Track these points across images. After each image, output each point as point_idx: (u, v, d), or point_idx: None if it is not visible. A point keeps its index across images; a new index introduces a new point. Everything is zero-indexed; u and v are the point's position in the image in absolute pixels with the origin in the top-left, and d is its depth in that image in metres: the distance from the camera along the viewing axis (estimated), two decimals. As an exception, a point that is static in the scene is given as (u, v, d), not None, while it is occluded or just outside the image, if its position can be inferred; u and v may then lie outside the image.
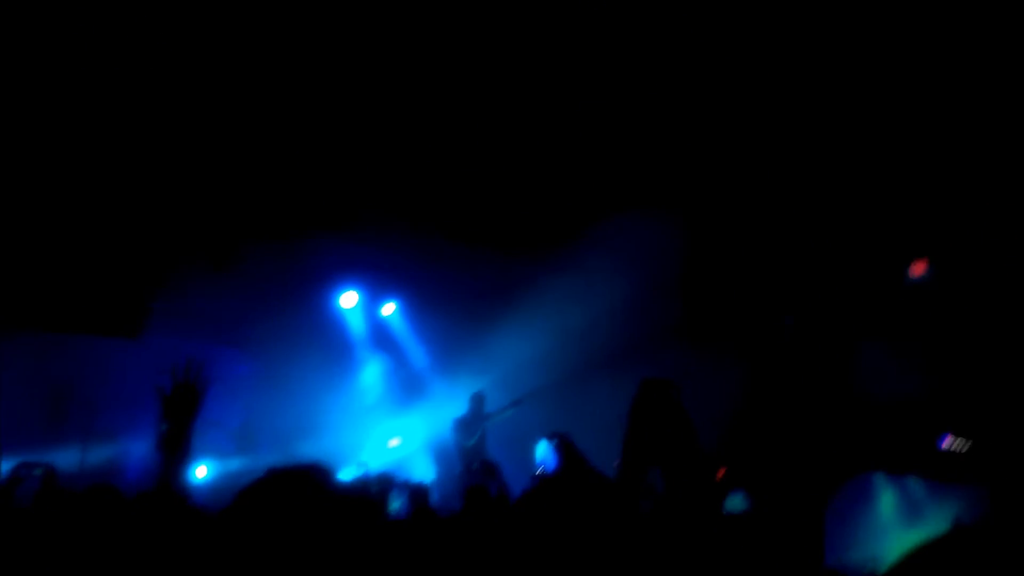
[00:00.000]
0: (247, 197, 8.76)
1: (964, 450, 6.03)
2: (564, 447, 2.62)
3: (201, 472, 8.39)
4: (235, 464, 9.03)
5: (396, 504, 4.04)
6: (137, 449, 8.47)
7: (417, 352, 11.60)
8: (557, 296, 10.12)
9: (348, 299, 11.02)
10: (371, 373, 11.59)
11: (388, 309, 11.20)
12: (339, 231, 9.41)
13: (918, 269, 7.62)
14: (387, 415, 11.33)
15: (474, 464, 4.33)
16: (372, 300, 11.21)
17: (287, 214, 9.11)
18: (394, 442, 8.15)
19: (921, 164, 6.90)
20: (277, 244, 9.49)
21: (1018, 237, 6.75)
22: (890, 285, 7.77)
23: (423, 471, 10.19)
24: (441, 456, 10.39)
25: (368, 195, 8.75)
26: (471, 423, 9.11)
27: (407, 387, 11.62)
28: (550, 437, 2.67)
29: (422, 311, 11.33)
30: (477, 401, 9.30)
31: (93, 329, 9.20)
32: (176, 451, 2.68)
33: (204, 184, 8.42)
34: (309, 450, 8.77)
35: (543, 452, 2.67)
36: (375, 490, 4.16)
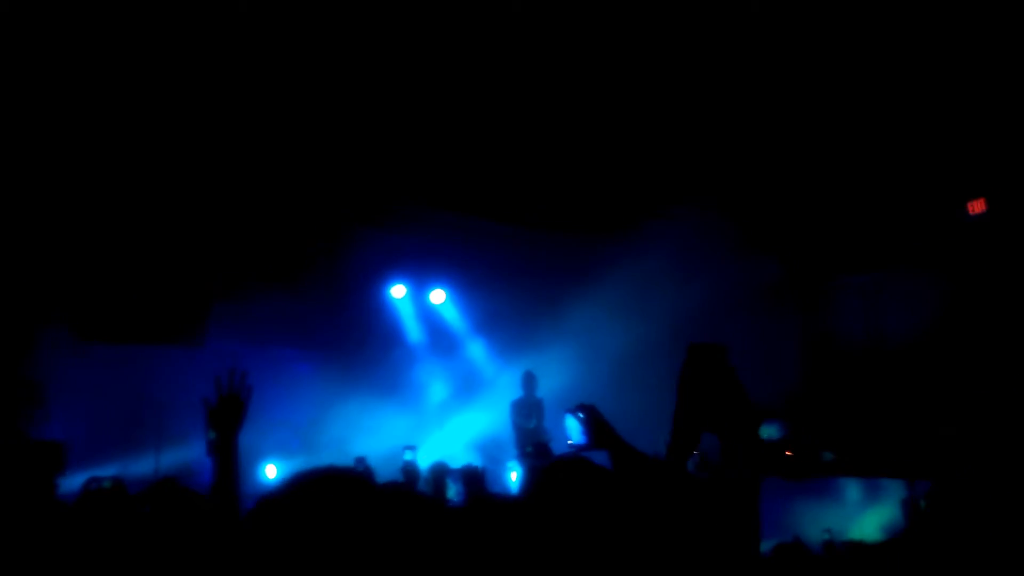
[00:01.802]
0: (291, 200, 8.86)
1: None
2: (591, 420, 2.53)
3: (271, 472, 8.57)
4: (303, 462, 9.21)
5: (452, 491, 4.03)
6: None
7: (472, 338, 11.62)
8: (617, 276, 10.02)
9: (397, 291, 11.12)
10: (428, 364, 11.67)
11: (437, 296, 11.23)
12: (383, 224, 9.46)
13: (977, 207, 7.30)
14: (448, 406, 11.41)
15: (528, 447, 4.29)
16: (421, 290, 11.27)
17: (334, 212, 9.19)
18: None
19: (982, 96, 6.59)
20: (326, 243, 9.60)
21: None
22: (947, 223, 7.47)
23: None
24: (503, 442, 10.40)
25: (406, 184, 8.74)
26: (525, 405, 9.09)
27: (466, 375, 11.67)
28: (575, 411, 2.57)
29: (473, 297, 11.34)
30: (528, 381, 9.25)
31: (160, 339, 9.50)
32: (225, 459, 2.71)
33: (251, 192, 8.57)
34: (371, 446, 8.87)
35: (572, 427, 2.58)
36: (428, 479, 4.16)
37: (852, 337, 8.39)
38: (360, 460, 7.53)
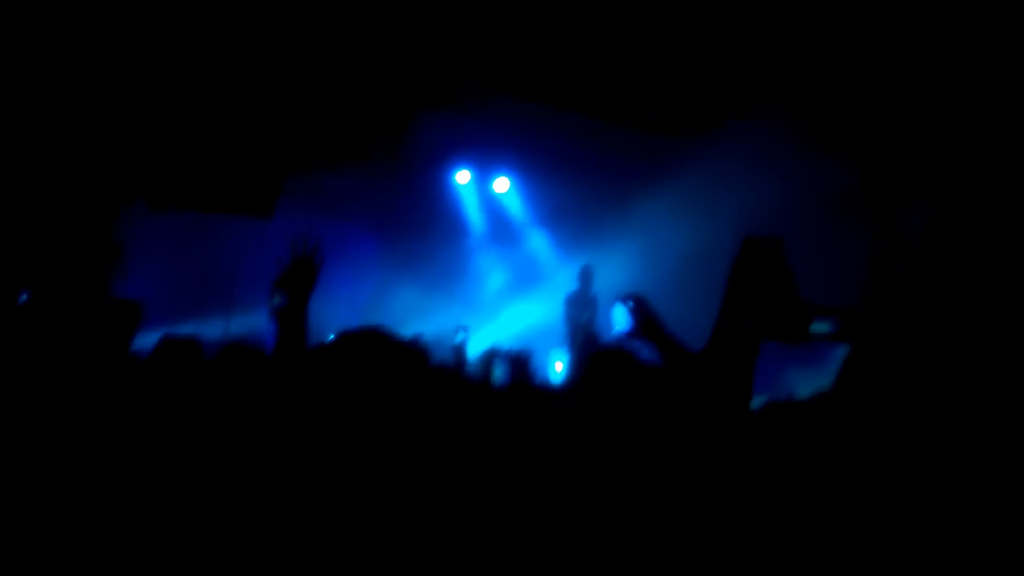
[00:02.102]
0: (362, 79, 8.79)
1: None
2: (639, 310, 2.49)
3: (331, 343, 8.88)
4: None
5: (498, 372, 4.13)
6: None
7: (534, 229, 11.60)
8: (690, 177, 9.75)
9: (462, 177, 11.08)
10: (489, 251, 11.74)
11: (501, 185, 11.16)
12: (451, 107, 9.33)
13: None
14: (505, 294, 11.54)
15: (579, 338, 4.34)
16: (486, 177, 11.21)
17: (402, 92, 9.09)
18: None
19: None
20: (394, 123, 9.56)
21: None
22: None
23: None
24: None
25: (473, 66, 8.55)
26: (580, 298, 9.06)
27: (525, 266, 11.73)
28: (624, 300, 2.53)
29: (537, 188, 11.24)
30: (585, 275, 9.17)
31: (231, 208, 9.77)
32: (292, 324, 2.66)
33: (321, 69, 8.53)
34: (427, 327, 9.08)
35: (619, 316, 2.55)
36: (477, 361, 4.26)
37: (922, 255, 8.07)
38: (415, 338, 7.70)
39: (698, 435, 2.15)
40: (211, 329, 8.80)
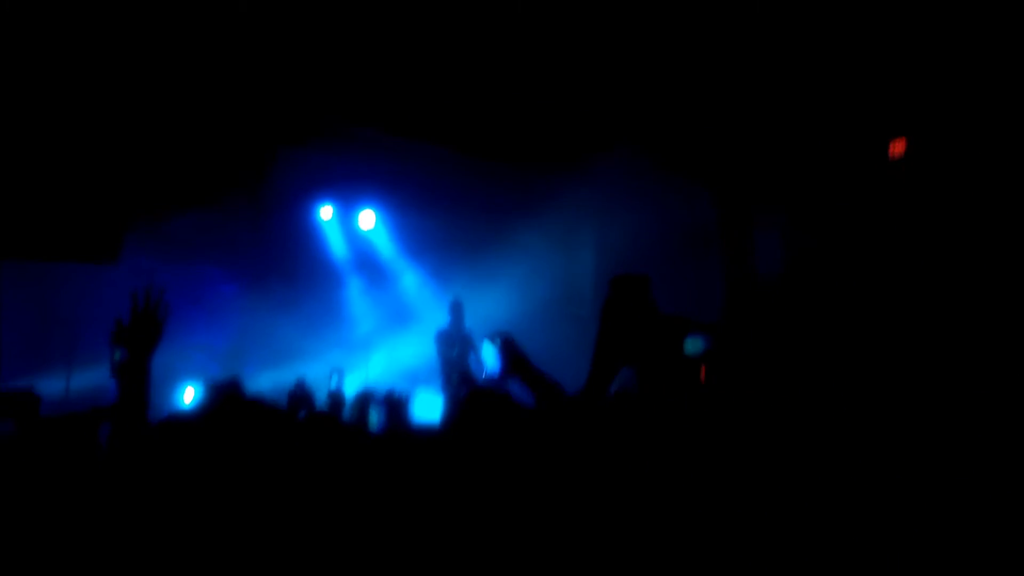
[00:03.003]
0: (217, 115, 8.45)
1: None
2: (507, 348, 2.53)
3: (189, 395, 8.37)
4: (223, 387, 9.02)
5: (375, 418, 4.00)
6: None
7: (402, 264, 11.49)
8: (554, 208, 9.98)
9: (325, 213, 10.85)
10: (357, 291, 11.51)
11: (366, 219, 10.99)
12: (310, 143, 9.14)
13: (898, 148, 7.50)
14: (377, 333, 11.32)
15: (455, 376, 4.29)
16: (350, 213, 11.02)
17: (258, 128, 8.81)
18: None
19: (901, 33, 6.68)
20: (252, 160, 9.24)
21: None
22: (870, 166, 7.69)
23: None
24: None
25: (333, 101, 8.43)
26: (451, 334, 9.05)
27: (395, 302, 11.57)
28: (492, 338, 2.57)
29: (404, 222, 11.16)
30: (456, 310, 9.19)
31: (70, 256, 9.05)
32: (134, 382, 2.56)
33: (172, 105, 8.13)
34: (296, 372, 8.75)
35: (488, 355, 2.58)
36: (352, 404, 4.12)
37: (772, 276, 8.63)
38: (300, 382, 7.42)
39: (576, 473, 2.18)
40: (51, 385, 8.09)
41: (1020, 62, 6.23)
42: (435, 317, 9.95)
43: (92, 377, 8.49)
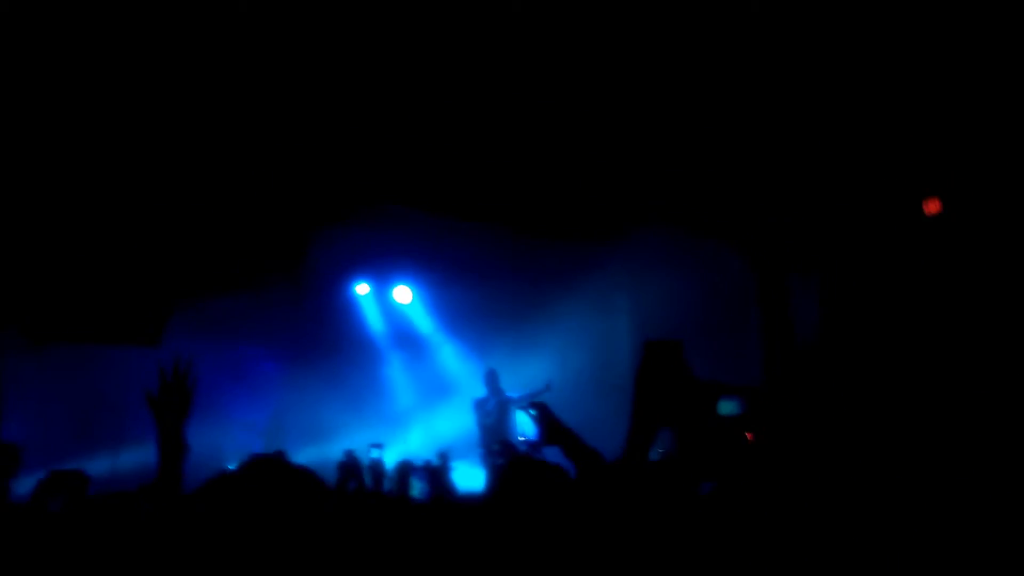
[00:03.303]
0: (254, 201, 8.74)
1: None
2: (543, 417, 2.57)
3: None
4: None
5: (416, 488, 4.02)
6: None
7: (439, 336, 11.58)
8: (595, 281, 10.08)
9: (361, 289, 11.04)
10: (396, 366, 11.60)
11: (401, 294, 11.15)
12: (346, 222, 9.38)
13: (932, 207, 7.52)
14: (415, 404, 11.35)
15: (494, 445, 4.32)
16: (387, 288, 11.20)
17: (295, 210, 9.09)
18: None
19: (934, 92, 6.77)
20: (288, 241, 9.49)
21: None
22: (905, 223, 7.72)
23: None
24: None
25: (369, 183, 8.68)
26: (487, 402, 9.12)
27: (433, 374, 11.62)
28: (527, 408, 2.62)
29: (440, 296, 11.30)
30: (491, 379, 9.30)
31: (115, 339, 9.32)
32: (169, 453, 2.60)
33: (211, 190, 8.44)
34: (338, 446, 8.80)
35: (523, 423, 2.67)
36: (393, 476, 4.16)
37: (810, 338, 8.57)
38: (349, 454, 7.53)
39: (620, 540, 2.19)
40: (98, 466, 8.23)
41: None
42: (473, 388, 9.99)
43: (139, 457, 8.63)
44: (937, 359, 6.89)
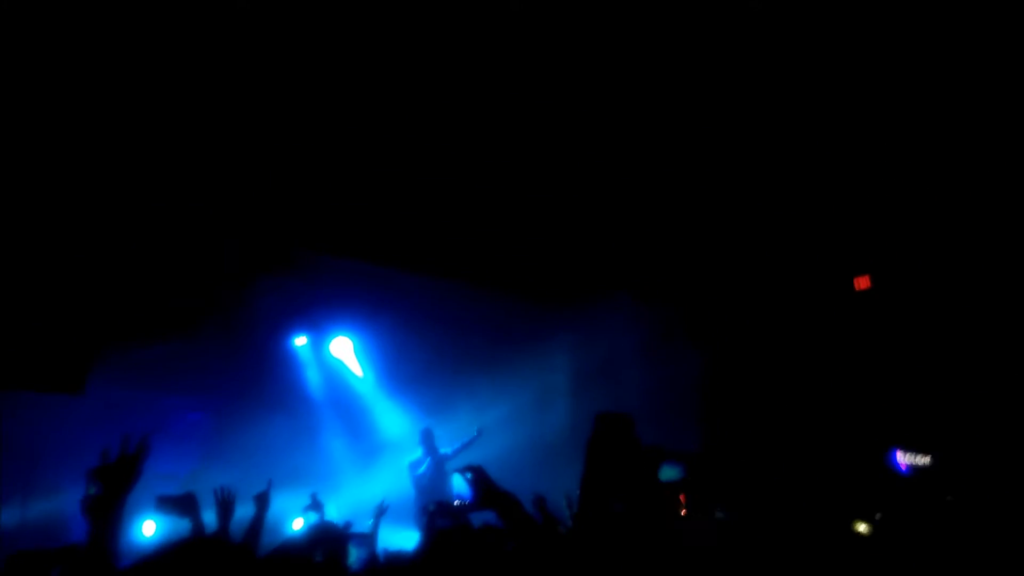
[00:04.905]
0: (183, 243, 8.53)
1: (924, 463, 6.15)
2: (478, 480, 2.60)
3: (148, 529, 8.03)
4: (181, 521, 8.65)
5: (353, 556, 3.89)
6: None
7: (376, 392, 11.39)
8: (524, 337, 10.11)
9: (300, 341, 10.84)
10: (329, 420, 11.33)
11: (339, 347, 10.97)
12: (284, 272, 9.22)
13: (862, 283, 7.95)
14: (350, 462, 11.08)
15: (430, 505, 4.25)
16: (322, 340, 11.01)
17: (230, 258, 8.90)
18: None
19: (864, 175, 7.19)
20: (222, 289, 9.27)
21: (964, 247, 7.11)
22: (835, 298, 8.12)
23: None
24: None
25: (307, 232, 8.59)
26: (422, 461, 9.06)
27: (369, 431, 11.39)
28: (463, 471, 2.65)
29: (379, 350, 11.16)
30: (426, 437, 9.33)
31: (32, 386, 8.84)
32: (107, 518, 2.64)
33: (143, 236, 8.21)
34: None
35: (459, 485, 2.67)
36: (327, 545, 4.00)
37: (751, 398, 8.78)
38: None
39: None
40: (7, 515, 7.75)
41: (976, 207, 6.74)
42: (408, 446, 9.85)
43: (49, 507, 8.17)
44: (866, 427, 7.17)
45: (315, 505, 6.91)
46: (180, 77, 6.10)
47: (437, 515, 4.36)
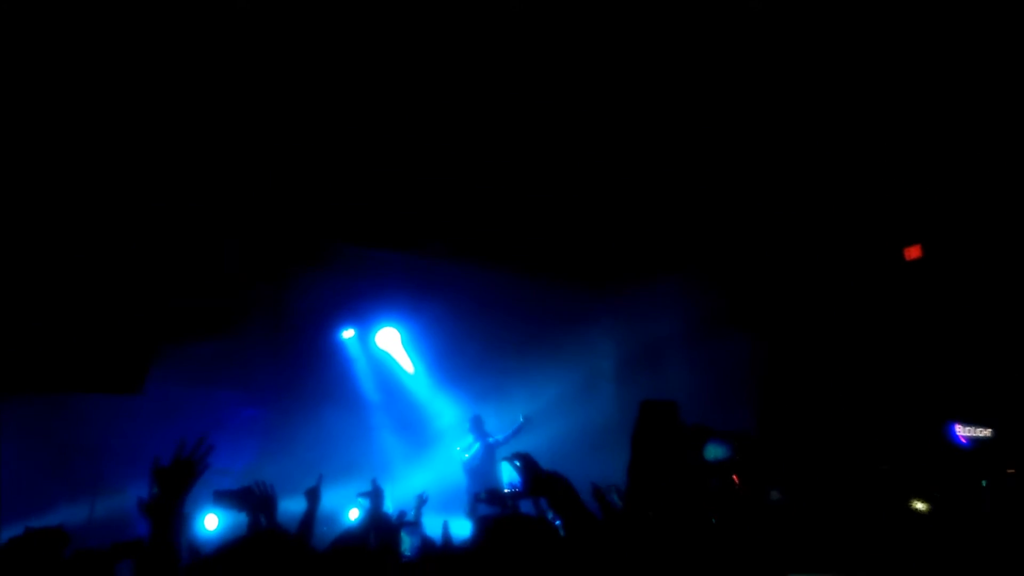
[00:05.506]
0: (233, 242, 8.70)
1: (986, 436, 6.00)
2: (527, 468, 2.60)
3: (211, 523, 8.24)
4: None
5: (406, 544, 3.95)
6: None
7: (424, 382, 11.47)
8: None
9: (347, 334, 10.97)
10: (380, 411, 11.46)
11: (385, 338, 11.07)
12: (330, 266, 9.34)
13: (913, 252, 7.72)
14: (402, 453, 11.19)
15: (481, 493, 4.27)
16: (369, 333, 11.12)
17: (276, 255, 9.05)
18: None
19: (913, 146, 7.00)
20: (270, 286, 9.43)
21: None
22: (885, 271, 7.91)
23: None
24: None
25: (350, 227, 8.68)
26: (469, 446, 9.15)
27: (419, 422, 11.49)
28: (511, 459, 2.65)
29: (426, 340, 11.22)
30: (476, 425, 9.38)
31: (94, 387, 9.11)
32: (165, 519, 2.70)
33: (191, 235, 8.39)
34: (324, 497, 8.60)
35: (508, 473, 2.69)
36: (380, 533, 4.07)
37: (804, 379, 8.63)
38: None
39: None
40: (75, 514, 8.04)
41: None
42: (458, 434, 9.92)
43: (115, 505, 8.44)
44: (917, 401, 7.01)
45: (375, 491, 6.98)
46: (220, 79, 6.20)
47: (488, 502, 4.39)
